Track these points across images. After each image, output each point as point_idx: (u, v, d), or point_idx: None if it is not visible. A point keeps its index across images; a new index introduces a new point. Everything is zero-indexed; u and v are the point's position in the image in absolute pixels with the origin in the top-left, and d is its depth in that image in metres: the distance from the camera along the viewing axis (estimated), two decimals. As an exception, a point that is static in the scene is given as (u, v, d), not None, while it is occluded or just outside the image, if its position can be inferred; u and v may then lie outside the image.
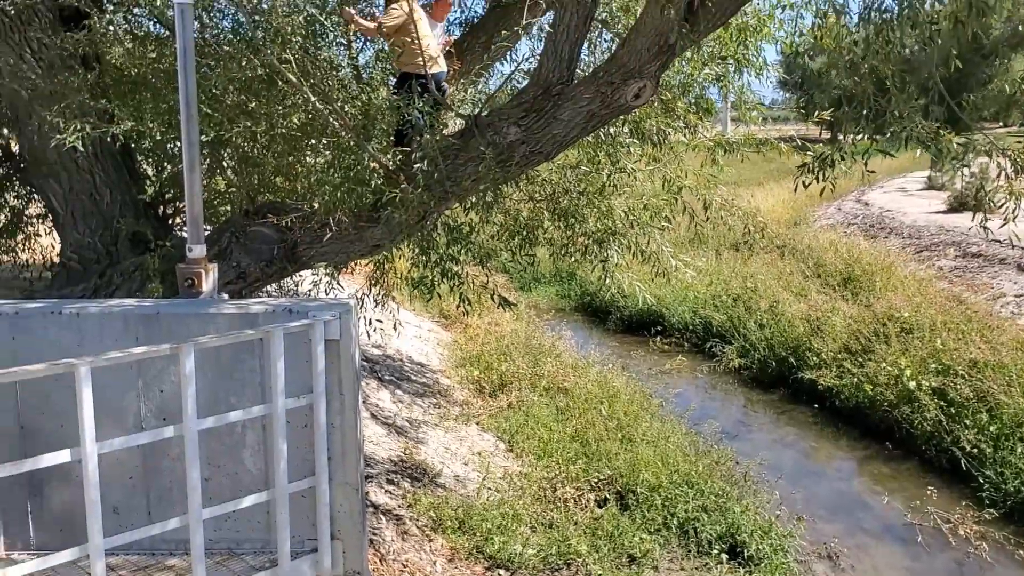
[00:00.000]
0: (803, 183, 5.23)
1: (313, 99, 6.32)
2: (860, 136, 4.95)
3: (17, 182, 9.08)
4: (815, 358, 13.41)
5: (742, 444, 11.54)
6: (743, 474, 9.90)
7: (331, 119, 6.46)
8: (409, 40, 6.67)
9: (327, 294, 9.76)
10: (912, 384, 11.27)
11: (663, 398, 12.69)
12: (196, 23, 6.10)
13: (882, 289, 15.61)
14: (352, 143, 6.51)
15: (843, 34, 5.31)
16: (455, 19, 8.46)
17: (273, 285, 9.19)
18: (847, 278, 16.95)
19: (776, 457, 11.27)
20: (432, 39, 6.96)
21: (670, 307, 17.18)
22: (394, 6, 6.74)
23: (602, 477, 9.24)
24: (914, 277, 16.71)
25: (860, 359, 12.69)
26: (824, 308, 14.68)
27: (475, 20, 8.47)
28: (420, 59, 6.61)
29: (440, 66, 7.13)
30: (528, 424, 10.83)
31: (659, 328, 17.07)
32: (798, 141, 7.53)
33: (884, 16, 4.57)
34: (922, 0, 4.59)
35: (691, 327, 16.80)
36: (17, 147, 8.81)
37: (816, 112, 6.49)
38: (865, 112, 4.83)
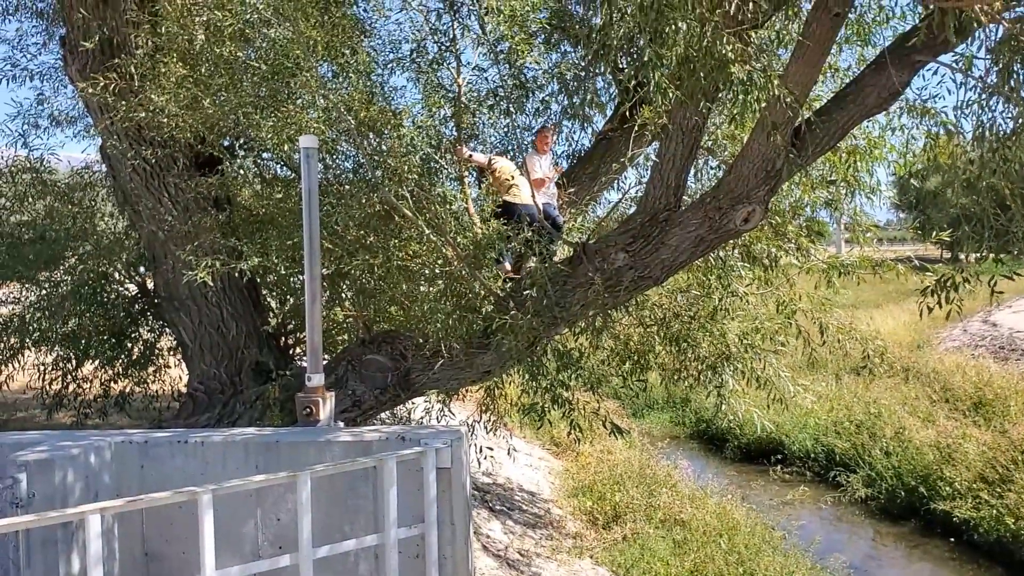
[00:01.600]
0: (927, 308, 5.06)
1: (427, 231, 6.56)
2: (982, 256, 4.79)
3: (151, 317, 9.63)
4: (948, 488, 12.58)
5: (873, 581, 10.79)
6: (876, 614, 9.22)
7: (444, 249, 6.67)
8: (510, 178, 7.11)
9: (439, 421, 9.82)
10: (1062, 517, 10.42)
11: (786, 530, 12.04)
12: (320, 165, 6.48)
13: (1017, 414, 14.67)
14: (463, 272, 6.68)
15: (957, 153, 5.22)
16: (562, 151, 8.72)
17: (386, 412, 9.32)
18: (977, 402, 16.02)
19: (912, 596, 10.48)
20: (522, 178, 7.29)
21: (790, 434, 16.53)
22: (501, 159, 7.28)
23: (723, 615, 8.75)
24: (1054, 401, 15.64)
25: (999, 489, 11.84)
26: (954, 434, 13.87)
27: (582, 152, 8.69)
28: (517, 191, 7.00)
29: (549, 196, 7.37)
30: (644, 558, 10.43)
31: (779, 456, 16.39)
32: (916, 262, 7.33)
33: (1000, 135, 4.48)
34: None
35: (813, 455, 16.08)
36: (152, 284, 9.39)
37: (934, 232, 6.31)
38: (986, 232, 4.69)
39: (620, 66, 7.04)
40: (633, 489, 12.71)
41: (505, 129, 7.82)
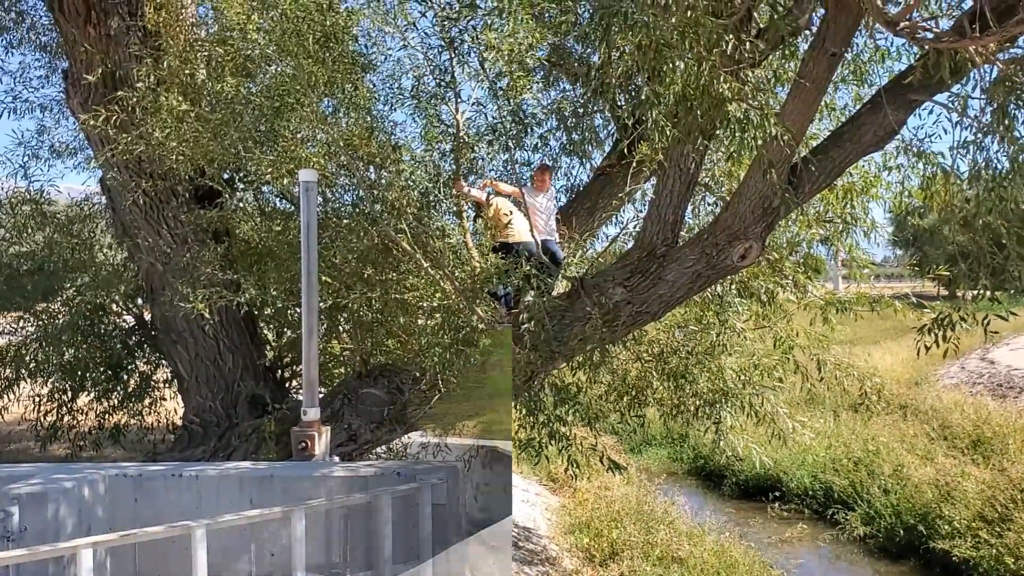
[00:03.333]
0: (924, 346, 5.06)
1: (426, 264, 6.57)
2: (978, 294, 4.80)
3: (148, 349, 9.60)
4: (947, 526, 12.47)
5: (873, 621, 10.66)
6: (877, 655, 9.10)
7: (442, 283, 6.68)
8: (507, 216, 7.12)
9: (435, 456, 9.75)
10: (1063, 558, 10.32)
11: (784, 569, 11.94)
12: (319, 198, 6.51)
13: (1016, 452, 14.58)
14: (461, 305, 6.68)
15: (953, 191, 5.25)
16: (560, 186, 8.75)
17: (382, 447, 9.27)
18: (976, 440, 15.94)
19: (913, 637, 10.35)
20: (519, 214, 7.32)
21: (788, 471, 16.41)
22: (498, 198, 7.33)
23: (721, 655, 8.64)
24: (1053, 439, 15.55)
25: (998, 528, 11.74)
26: (953, 472, 13.77)
27: (580, 187, 8.73)
28: (513, 228, 6.98)
29: (548, 232, 7.39)
30: (641, 596, 10.33)
31: (777, 493, 16.27)
32: (913, 299, 7.34)
33: (995, 173, 4.51)
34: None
35: (811, 492, 15.96)
36: (149, 316, 9.38)
37: (930, 270, 6.36)
38: (982, 270, 4.70)
39: (618, 103, 7.10)
40: (631, 526, 12.59)
41: (504, 164, 7.87)
